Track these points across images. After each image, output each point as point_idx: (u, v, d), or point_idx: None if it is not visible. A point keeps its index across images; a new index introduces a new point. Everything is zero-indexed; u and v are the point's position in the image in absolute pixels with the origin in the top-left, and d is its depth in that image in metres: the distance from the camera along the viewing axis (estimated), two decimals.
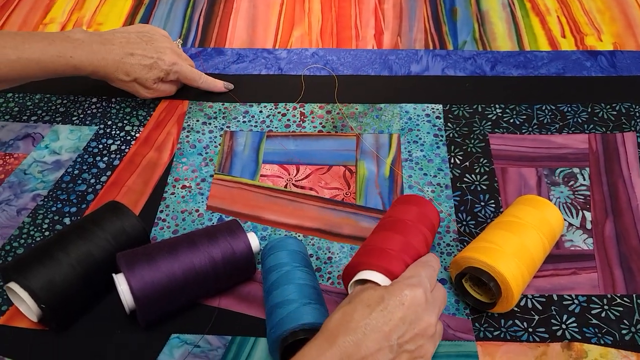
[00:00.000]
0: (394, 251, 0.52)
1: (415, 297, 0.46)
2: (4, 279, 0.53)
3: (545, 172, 0.69)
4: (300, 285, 0.53)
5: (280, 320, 0.49)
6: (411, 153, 0.72)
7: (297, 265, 0.55)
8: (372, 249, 0.53)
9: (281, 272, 0.54)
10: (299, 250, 0.57)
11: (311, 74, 0.83)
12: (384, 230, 0.55)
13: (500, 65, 0.83)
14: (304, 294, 0.52)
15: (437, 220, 0.58)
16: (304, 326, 0.49)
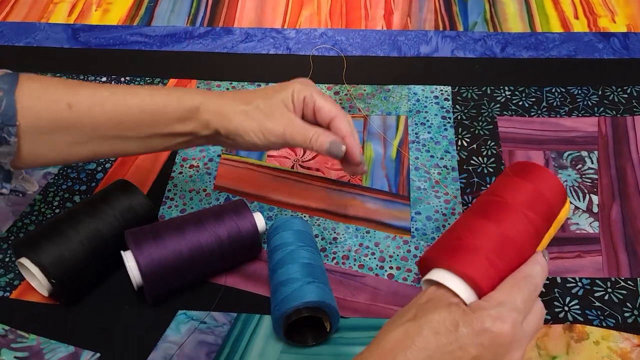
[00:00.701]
0: (487, 252, 0.41)
1: (500, 336, 0.36)
2: (16, 255, 0.55)
3: (553, 155, 0.68)
4: (305, 264, 0.53)
5: (284, 298, 0.50)
6: (418, 135, 0.72)
7: (302, 245, 0.55)
8: (460, 243, 0.43)
9: (286, 251, 0.55)
10: (304, 230, 0.58)
11: (320, 54, 0.83)
12: (481, 217, 0.44)
13: (510, 47, 0.82)
14: (308, 273, 0.52)
15: (561, 201, 0.47)
16: (307, 304, 0.49)
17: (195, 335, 0.53)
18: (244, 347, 0.53)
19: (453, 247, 0.43)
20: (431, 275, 0.42)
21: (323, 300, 0.49)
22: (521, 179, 0.46)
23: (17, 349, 0.52)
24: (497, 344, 0.36)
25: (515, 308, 0.37)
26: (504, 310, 0.37)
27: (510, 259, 0.41)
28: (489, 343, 0.36)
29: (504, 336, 0.36)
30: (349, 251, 0.61)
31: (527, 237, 0.43)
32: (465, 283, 0.40)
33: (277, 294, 0.51)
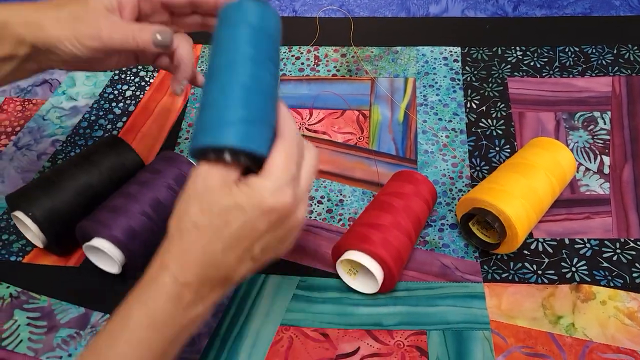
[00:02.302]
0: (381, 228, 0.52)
1: (284, 208, 0.37)
2: (10, 209, 0.55)
3: (564, 116, 0.67)
4: (247, 87, 0.37)
5: (205, 127, 0.37)
6: (426, 97, 0.70)
7: (254, 54, 0.38)
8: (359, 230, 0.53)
9: (227, 58, 0.38)
10: (264, 27, 0.39)
11: (326, 16, 0.81)
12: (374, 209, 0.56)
13: (523, 5, 0.80)
14: (242, 100, 0.37)
15: (433, 196, 0.58)
16: (224, 147, 0.36)
17: None
18: (250, 307, 0.53)
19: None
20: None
21: (256, 151, 0.36)
22: (402, 182, 0.57)
23: (29, 309, 0.54)
24: (283, 215, 0.37)
25: (292, 177, 0.37)
26: (282, 183, 0.36)
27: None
28: (276, 218, 0.37)
29: (287, 208, 0.37)
30: (355, 214, 0.61)
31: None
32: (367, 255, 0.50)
33: (201, 115, 0.38)
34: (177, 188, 0.56)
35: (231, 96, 0.37)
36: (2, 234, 0.60)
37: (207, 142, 0.36)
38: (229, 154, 0.35)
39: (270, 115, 0.38)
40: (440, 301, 0.52)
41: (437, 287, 0.54)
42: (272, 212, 0.36)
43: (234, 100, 0.37)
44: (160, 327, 0.37)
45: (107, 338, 0.37)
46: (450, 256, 0.56)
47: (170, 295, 0.37)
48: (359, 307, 0.53)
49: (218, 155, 0.36)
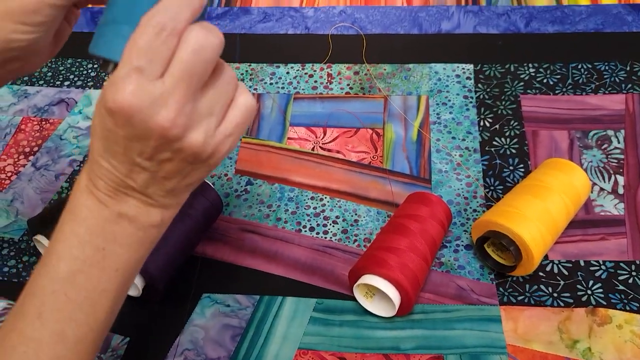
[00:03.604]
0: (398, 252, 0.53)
1: (121, 102, 0.30)
2: (32, 233, 0.56)
3: (577, 134, 0.67)
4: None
5: (99, 30, 0.34)
6: (440, 115, 0.71)
7: None
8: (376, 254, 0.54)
9: None
10: None
11: (339, 33, 0.81)
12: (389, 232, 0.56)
13: (535, 21, 0.80)
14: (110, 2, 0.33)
15: (448, 218, 0.58)
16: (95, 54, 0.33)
17: (220, 319, 0.55)
18: (268, 330, 0.54)
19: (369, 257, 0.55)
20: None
21: (94, 52, 0.33)
22: (417, 204, 0.57)
23: None
24: (127, 120, 0.30)
25: (135, 68, 0.29)
26: (117, 75, 0.30)
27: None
28: (122, 121, 0.30)
29: (125, 108, 0.29)
30: (370, 234, 0.61)
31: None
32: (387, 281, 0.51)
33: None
34: (199, 214, 0.57)
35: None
36: (23, 255, 0.60)
37: (91, 51, 0.33)
38: (101, 61, 0.33)
39: (145, 9, 0.31)
40: (457, 324, 0.53)
41: (454, 310, 0.54)
42: (112, 113, 0.30)
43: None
44: (83, 219, 0.34)
45: (44, 254, 0.35)
46: (466, 278, 0.57)
47: (85, 189, 0.34)
48: (376, 330, 0.53)
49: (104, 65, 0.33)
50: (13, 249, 0.61)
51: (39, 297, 0.34)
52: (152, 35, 0.29)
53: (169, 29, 0.30)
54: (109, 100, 0.30)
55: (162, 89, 0.30)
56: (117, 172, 0.33)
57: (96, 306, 0.35)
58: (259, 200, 0.65)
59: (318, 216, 0.63)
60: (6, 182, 0.67)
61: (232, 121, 0.34)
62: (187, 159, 0.33)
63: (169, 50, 0.30)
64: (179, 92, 0.30)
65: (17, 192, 0.66)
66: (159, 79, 0.30)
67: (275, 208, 0.64)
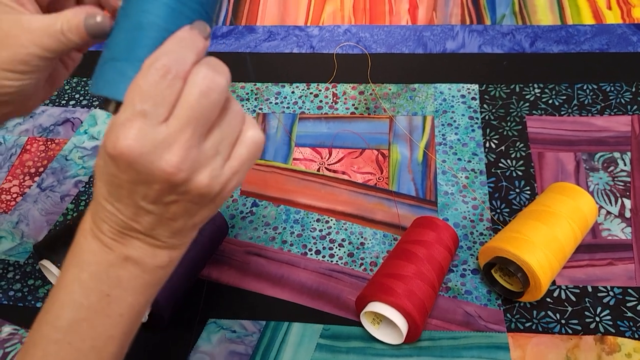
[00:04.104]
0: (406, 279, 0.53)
1: (123, 154, 0.29)
2: (38, 257, 0.56)
3: (584, 157, 0.67)
4: (141, 24, 0.31)
5: (99, 69, 0.32)
6: (445, 136, 0.71)
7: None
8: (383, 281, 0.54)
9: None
10: None
11: (343, 52, 0.82)
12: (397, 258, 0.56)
13: (540, 41, 0.80)
14: (111, 38, 0.32)
15: (455, 242, 0.58)
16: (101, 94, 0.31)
17: (226, 345, 0.55)
18: (274, 357, 0.54)
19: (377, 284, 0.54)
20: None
21: (96, 92, 0.32)
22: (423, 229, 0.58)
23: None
24: (130, 165, 0.29)
25: (138, 112, 0.29)
26: (117, 120, 0.29)
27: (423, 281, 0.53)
28: (124, 165, 0.29)
29: (126, 154, 0.29)
30: (376, 257, 0.61)
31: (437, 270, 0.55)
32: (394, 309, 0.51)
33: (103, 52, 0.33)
34: (206, 239, 0.57)
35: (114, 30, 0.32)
36: (28, 279, 0.60)
37: (92, 91, 0.32)
38: (102, 99, 0.32)
39: (146, 48, 0.30)
40: (464, 352, 0.52)
41: (461, 337, 0.54)
42: (114, 159, 0.29)
43: (112, 35, 0.32)
44: (87, 264, 0.33)
45: (47, 301, 0.34)
46: (473, 303, 0.56)
47: (90, 233, 0.33)
48: (384, 357, 0.53)
49: (105, 104, 0.32)
50: (18, 272, 0.61)
51: (41, 346, 0.33)
52: (156, 78, 0.29)
53: (174, 71, 0.29)
54: (110, 146, 0.29)
55: (166, 134, 0.29)
56: (122, 215, 0.32)
57: (102, 353, 0.34)
58: (264, 222, 0.65)
59: (324, 239, 0.63)
60: (12, 204, 0.67)
61: (239, 158, 0.33)
62: (194, 200, 0.32)
63: (174, 93, 0.29)
64: (185, 136, 0.29)
65: (22, 213, 0.66)
66: (163, 122, 0.29)
67: (281, 230, 0.64)
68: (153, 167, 0.29)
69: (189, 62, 0.30)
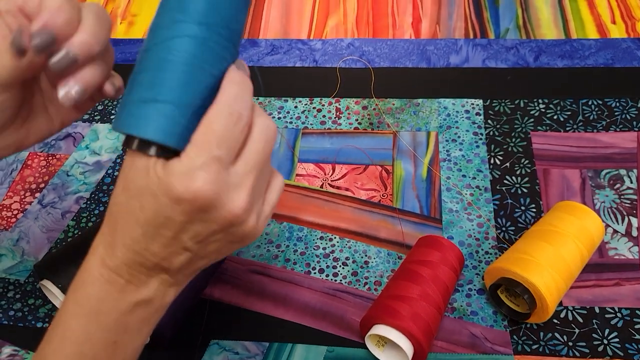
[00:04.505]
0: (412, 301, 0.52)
1: (198, 198, 0.30)
2: (39, 277, 0.55)
3: (589, 174, 0.66)
4: (160, 59, 0.30)
5: (127, 107, 0.31)
6: (449, 152, 0.70)
7: (188, 22, 0.31)
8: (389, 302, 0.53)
9: (164, 31, 0.31)
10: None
11: (347, 66, 0.81)
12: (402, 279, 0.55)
13: (544, 55, 0.80)
14: (153, 79, 0.30)
15: (460, 262, 0.57)
16: (134, 134, 0.30)
17: None
18: None
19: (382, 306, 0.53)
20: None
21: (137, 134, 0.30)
22: (428, 248, 0.57)
23: None
24: (202, 207, 0.30)
25: (214, 158, 0.29)
26: (194, 165, 0.29)
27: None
28: (192, 209, 0.30)
29: (203, 197, 0.29)
30: (381, 277, 0.60)
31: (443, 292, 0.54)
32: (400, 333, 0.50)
33: (128, 88, 0.32)
34: None
35: (141, 69, 0.31)
36: (28, 298, 0.60)
37: (114, 126, 0.31)
38: (137, 142, 0.30)
39: (195, 91, 0.30)
40: None
41: None
42: (182, 202, 0.29)
43: (144, 74, 0.31)
44: (95, 314, 0.32)
45: (45, 339, 0.34)
46: (479, 325, 0.56)
47: (99, 279, 0.32)
48: None
49: (127, 142, 0.31)
50: (19, 291, 0.60)
51: None
52: (231, 124, 0.30)
53: (245, 118, 0.31)
54: (181, 189, 0.29)
55: (236, 177, 0.31)
56: (153, 256, 0.32)
57: None
58: (267, 239, 0.64)
59: (327, 257, 0.62)
60: (12, 220, 0.66)
61: (271, 203, 0.34)
62: (234, 240, 0.33)
63: (243, 138, 0.31)
64: (250, 180, 0.31)
65: (23, 230, 0.65)
66: (232, 165, 0.31)
67: (284, 248, 0.63)
68: (222, 209, 0.30)
69: (251, 108, 0.32)
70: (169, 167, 0.30)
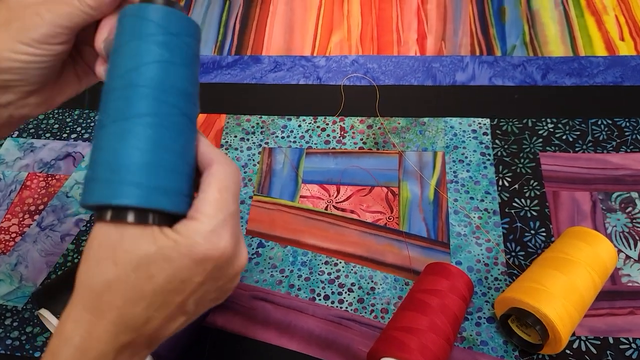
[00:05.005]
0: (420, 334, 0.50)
1: (223, 255, 0.31)
2: (37, 306, 0.54)
3: (600, 196, 0.65)
4: (151, 125, 0.30)
5: (90, 177, 0.31)
6: (457, 174, 0.69)
7: (161, 77, 0.31)
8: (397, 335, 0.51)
9: (125, 80, 0.31)
10: (176, 39, 0.32)
11: (351, 84, 0.80)
12: (408, 310, 0.53)
13: (552, 73, 0.78)
14: (151, 147, 0.30)
15: (470, 290, 0.55)
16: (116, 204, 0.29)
17: None
18: None
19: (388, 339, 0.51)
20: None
21: (152, 206, 0.29)
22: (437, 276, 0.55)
23: None
24: (222, 263, 0.31)
25: (230, 213, 0.31)
26: (218, 223, 0.30)
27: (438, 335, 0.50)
28: (213, 266, 0.30)
29: (227, 253, 0.30)
30: (388, 304, 0.59)
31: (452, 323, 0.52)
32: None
33: (91, 158, 0.32)
34: None
35: (129, 139, 0.30)
36: (26, 326, 0.58)
37: (101, 200, 0.29)
38: (133, 214, 0.29)
39: (185, 156, 0.31)
40: None
41: None
42: (207, 261, 0.30)
43: (134, 144, 0.29)
44: None
45: None
46: (490, 355, 0.54)
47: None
48: None
49: (118, 215, 0.29)
50: (16, 318, 0.59)
51: None
52: (232, 178, 0.32)
53: (238, 172, 0.33)
54: (210, 247, 0.30)
55: (240, 229, 0.33)
56: (148, 331, 0.31)
57: None
58: (271, 264, 0.63)
59: (333, 283, 0.61)
60: (10, 244, 0.65)
61: None
62: (225, 287, 0.33)
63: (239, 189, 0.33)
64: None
65: (21, 254, 0.64)
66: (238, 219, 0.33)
67: (288, 273, 0.62)
68: (236, 263, 0.32)
69: None
70: (189, 228, 0.30)
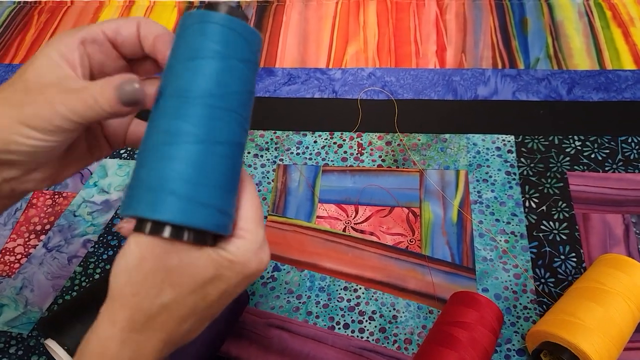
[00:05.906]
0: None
1: (263, 269, 0.34)
2: (43, 336, 0.51)
3: (633, 219, 0.62)
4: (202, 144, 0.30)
5: (131, 193, 0.30)
6: (481, 194, 0.66)
7: (218, 93, 0.30)
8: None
9: (179, 97, 0.30)
10: (235, 53, 0.31)
11: (368, 98, 0.77)
12: (440, 344, 0.49)
13: (578, 87, 0.75)
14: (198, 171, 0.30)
15: (499, 321, 0.52)
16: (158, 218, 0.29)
17: None
18: None
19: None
20: None
21: (187, 223, 0.29)
22: (464, 307, 0.52)
23: None
24: (260, 273, 0.34)
25: (263, 228, 0.34)
26: (261, 240, 0.33)
27: None
28: (255, 278, 0.34)
29: (266, 265, 0.34)
30: (411, 334, 0.56)
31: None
32: None
33: (137, 169, 0.31)
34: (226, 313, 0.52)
35: (178, 159, 0.29)
36: (32, 355, 0.55)
37: (146, 214, 0.29)
38: (192, 234, 0.30)
39: (235, 175, 0.32)
40: None
41: None
42: (255, 275, 0.33)
43: (182, 165, 0.29)
44: None
45: None
46: None
47: None
48: None
49: (157, 229, 0.29)
50: (21, 346, 0.56)
51: None
52: (258, 196, 0.34)
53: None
54: (259, 263, 0.32)
55: None
56: (183, 340, 0.32)
57: None
58: (287, 289, 0.60)
59: (352, 310, 0.58)
60: (15, 266, 0.62)
61: None
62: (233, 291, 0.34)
63: None
64: None
65: (27, 277, 0.61)
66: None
67: (305, 299, 0.59)
68: (260, 271, 0.34)
69: None
70: (240, 247, 0.32)
